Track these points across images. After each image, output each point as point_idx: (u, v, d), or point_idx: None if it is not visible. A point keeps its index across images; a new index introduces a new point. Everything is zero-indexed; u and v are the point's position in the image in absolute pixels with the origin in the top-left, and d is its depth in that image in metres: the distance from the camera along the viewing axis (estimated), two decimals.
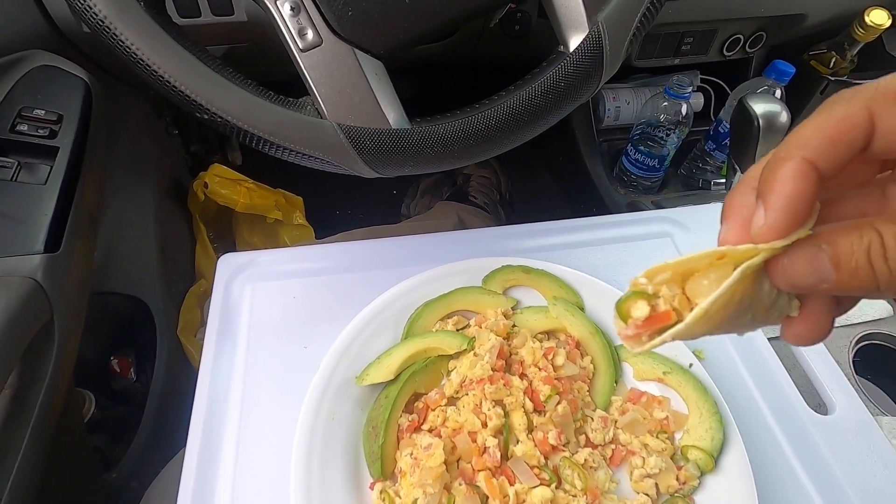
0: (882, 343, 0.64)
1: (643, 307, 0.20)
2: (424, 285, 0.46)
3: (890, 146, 0.17)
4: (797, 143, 0.17)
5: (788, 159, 0.17)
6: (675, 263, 0.20)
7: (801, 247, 0.18)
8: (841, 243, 0.17)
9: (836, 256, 0.17)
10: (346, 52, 0.39)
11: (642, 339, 0.21)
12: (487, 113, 0.42)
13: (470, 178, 1.15)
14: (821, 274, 0.17)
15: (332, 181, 1.28)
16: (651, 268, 0.20)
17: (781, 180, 0.17)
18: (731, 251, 0.19)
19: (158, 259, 0.82)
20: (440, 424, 0.39)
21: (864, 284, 0.16)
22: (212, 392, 0.42)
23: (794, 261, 0.18)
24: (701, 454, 0.38)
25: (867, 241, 0.16)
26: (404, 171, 0.43)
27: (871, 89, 0.17)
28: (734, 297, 0.19)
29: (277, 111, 0.39)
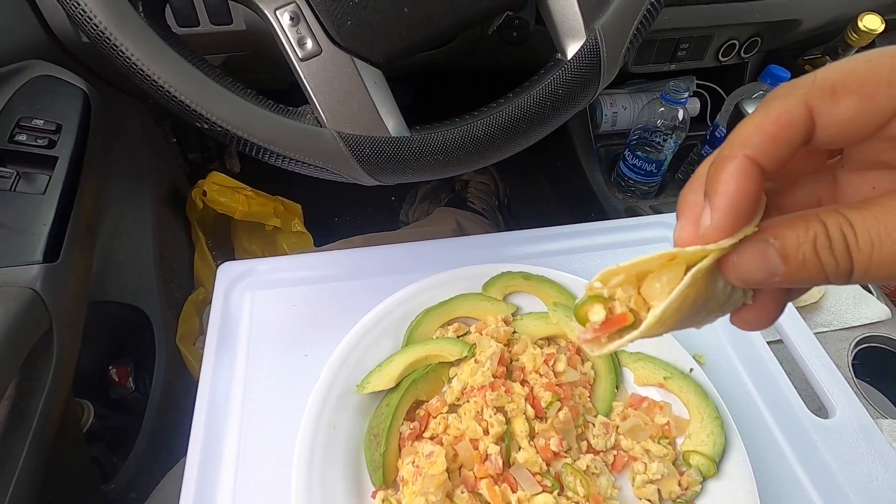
0: (881, 346, 0.64)
1: (599, 311, 0.21)
2: (424, 292, 0.46)
3: (831, 138, 0.17)
4: (739, 141, 0.17)
5: (731, 158, 0.17)
6: (628, 266, 0.20)
7: (748, 244, 0.18)
8: (788, 237, 0.17)
9: (784, 250, 0.17)
10: (346, 61, 0.39)
11: (601, 341, 0.21)
12: (486, 120, 0.42)
13: (468, 185, 1.15)
14: (770, 268, 0.17)
15: (330, 188, 1.28)
16: (605, 271, 0.21)
17: (724, 180, 0.17)
18: (680, 253, 0.19)
19: (157, 267, 0.82)
20: (442, 432, 0.39)
21: (812, 276, 0.17)
22: (212, 401, 0.42)
23: (743, 258, 0.18)
24: (703, 459, 0.37)
25: (812, 233, 0.16)
26: (404, 179, 0.44)
27: (807, 83, 0.17)
28: (687, 300, 0.19)
29: (277, 120, 0.39)
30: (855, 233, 0.16)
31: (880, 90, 0.16)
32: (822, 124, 0.17)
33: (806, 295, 0.64)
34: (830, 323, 0.64)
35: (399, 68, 0.86)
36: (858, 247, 0.16)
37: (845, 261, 0.16)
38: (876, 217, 0.16)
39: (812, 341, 0.48)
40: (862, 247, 0.16)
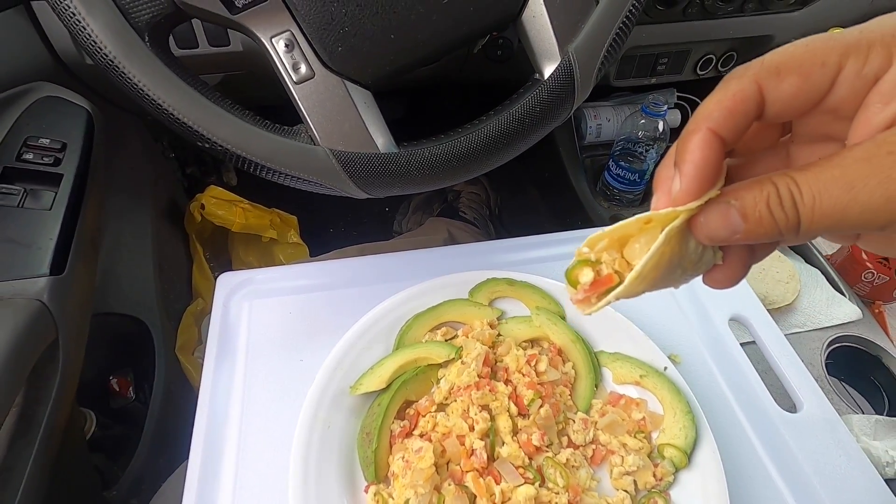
0: (852, 345, 0.67)
1: (588, 273, 0.23)
2: (414, 299, 0.49)
3: (779, 112, 0.20)
4: (702, 116, 0.20)
5: (696, 131, 0.20)
6: (611, 231, 0.23)
7: (713, 205, 0.20)
8: (746, 197, 0.19)
9: (743, 209, 0.19)
10: (337, 84, 0.42)
11: (591, 300, 0.24)
12: (469, 137, 0.45)
13: (460, 195, 1.18)
14: (733, 226, 0.19)
15: (325, 200, 1.30)
16: (590, 237, 0.23)
17: (690, 150, 0.20)
18: (655, 215, 0.21)
19: (156, 279, 0.84)
20: (430, 429, 0.41)
21: (768, 231, 0.19)
22: (213, 405, 0.45)
23: (709, 217, 0.20)
24: (675, 451, 0.40)
25: (766, 192, 0.19)
26: (393, 192, 0.46)
27: (757, 65, 0.20)
28: (664, 258, 0.21)
29: (273, 139, 0.42)
30: (800, 190, 0.18)
31: (815, 70, 0.19)
32: (770, 100, 0.20)
33: (780, 297, 0.67)
34: (804, 324, 0.67)
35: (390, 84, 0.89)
36: (803, 201, 0.18)
37: (793, 214, 0.18)
38: (816, 176, 0.18)
39: (783, 342, 0.51)
40: (806, 201, 0.18)
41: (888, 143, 0.17)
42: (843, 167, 0.18)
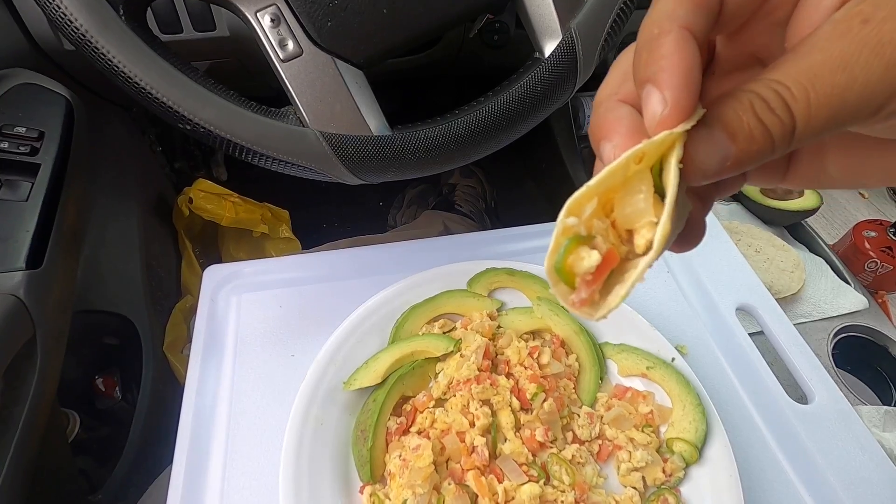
0: (859, 335, 0.66)
1: (592, 255, 0.17)
2: (410, 290, 0.46)
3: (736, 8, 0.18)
4: (665, 16, 0.17)
5: (666, 33, 0.17)
6: (597, 183, 0.17)
7: (696, 133, 0.16)
8: (727, 113, 0.16)
9: (729, 127, 0.16)
10: (327, 62, 0.40)
11: (595, 298, 0.18)
12: (467, 118, 0.43)
13: (455, 188, 1.16)
14: (722, 151, 0.16)
15: (317, 195, 1.28)
16: (572, 201, 0.17)
17: (668, 56, 0.16)
18: (648, 148, 0.17)
19: (143, 276, 0.81)
20: (429, 426, 0.39)
21: (761, 146, 0.16)
22: (199, 403, 0.42)
23: (697, 149, 0.17)
24: (686, 446, 0.38)
25: (748, 101, 0.16)
26: (387, 178, 0.44)
27: None
28: (676, 205, 0.16)
29: (260, 121, 0.40)
30: (787, 87, 0.16)
31: None
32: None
33: (786, 287, 0.66)
34: (810, 314, 0.65)
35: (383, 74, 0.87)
36: (795, 98, 0.15)
37: (787, 116, 0.16)
38: (799, 68, 0.15)
39: (792, 332, 0.50)
40: (798, 96, 0.15)
41: (858, 12, 0.15)
42: (823, 50, 0.15)
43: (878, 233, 0.81)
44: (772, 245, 0.70)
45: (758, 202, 0.75)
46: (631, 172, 0.17)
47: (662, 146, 0.17)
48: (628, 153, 0.17)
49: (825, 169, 0.20)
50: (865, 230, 0.82)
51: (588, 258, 0.17)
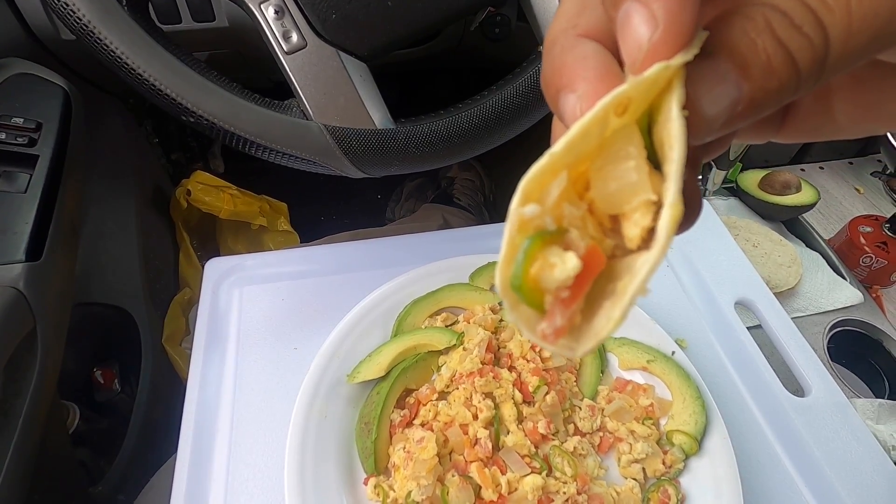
0: (854, 329, 0.67)
1: (566, 259, 0.12)
2: (412, 284, 0.47)
3: None
4: None
5: None
6: (563, 151, 0.12)
7: (695, 67, 0.12)
8: (734, 37, 0.12)
9: (739, 56, 0.12)
10: (331, 55, 0.39)
11: (575, 322, 0.12)
12: (470, 112, 0.43)
13: (454, 181, 1.16)
14: (730, 91, 0.12)
15: (315, 187, 1.28)
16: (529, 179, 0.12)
17: None
18: (634, 91, 0.12)
19: (141, 268, 0.81)
20: (432, 419, 0.39)
21: (783, 81, 0.12)
22: (202, 396, 0.42)
23: (698, 90, 0.12)
24: (685, 438, 0.39)
25: (762, 17, 0.12)
26: (390, 171, 0.44)
27: None
28: None
29: (264, 113, 0.40)
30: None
31: None
32: None
33: (783, 281, 0.66)
34: (806, 308, 0.66)
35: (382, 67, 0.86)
36: (829, 5, 0.11)
37: (818, 33, 0.11)
38: None
39: (789, 325, 0.50)
40: (833, 3, 0.11)
41: None
42: None
43: (874, 228, 0.82)
44: (769, 240, 0.71)
45: (756, 197, 0.75)
46: (610, 131, 0.12)
47: (654, 88, 0.12)
48: (605, 100, 0.12)
49: (831, 114, 0.16)
50: (861, 225, 0.83)
51: (561, 264, 0.12)
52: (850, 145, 1.14)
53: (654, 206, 0.12)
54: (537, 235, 0.12)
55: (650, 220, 0.12)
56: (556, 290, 0.12)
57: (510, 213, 0.12)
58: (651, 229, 0.12)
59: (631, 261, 0.13)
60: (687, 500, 0.37)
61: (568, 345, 0.13)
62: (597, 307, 0.13)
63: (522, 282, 0.12)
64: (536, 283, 0.12)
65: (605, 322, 0.12)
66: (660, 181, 0.12)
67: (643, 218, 0.12)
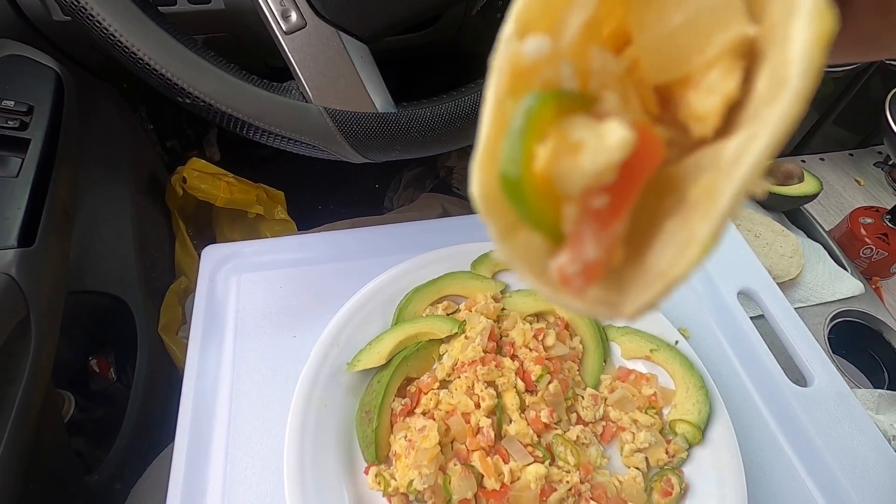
0: (855, 320, 0.67)
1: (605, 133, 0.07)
2: (413, 271, 0.46)
3: None
4: None
5: None
6: None
7: None
8: None
9: None
10: (331, 35, 0.38)
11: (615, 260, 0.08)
12: (473, 96, 0.42)
13: (453, 170, 1.15)
14: None
15: (312, 175, 1.26)
16: (521, 5, 0.08)
17: None
18: None
19: (137, 256, 0.80)
20: (433, 407, 0.39)
21: None
22: (199, 384, 0.42)
23: None
24: (688, 427, 0.38)
25: None
26: (391, 156, 0.43)
27: None
28: None
29: (262, 95, 0.39)
30: None
31: None
32: None
33: (784, 272, 0.66)
34: (808, 298, 0.66)
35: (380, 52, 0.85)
36: None
37: None
38: None
39: (792, 315, 0.50)
40: None
41: None
42: None
43: (874, 219, 0.82)
44: (771, 230, 0.70)
45: None
46: None
47: None
48: None
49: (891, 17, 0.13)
50: (861, 217, 0.83)
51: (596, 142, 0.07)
52: (850, 137, 1.14)
53: (744, 59, 0.07)
54: (549, 95, 0.07)
55: (735, 86, 0.07)
56: (585, 194, 0.07)
57: (498, 50, 0.07)
58: (733, 107, 0.07)
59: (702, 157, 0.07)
60: (690, 489, 0.37)
61: (606, 298, 0.08)
62: (648, 236, 0.08)
63: (522, 177, 0.07)
64: (548, 183, 0.07)
65: (675, 253, 0.07)
66: None
67: (725, 80, 0.07)
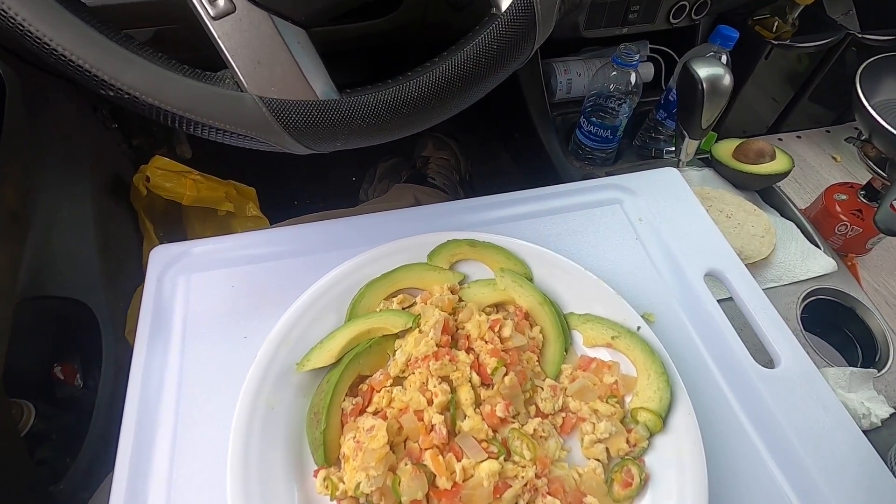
0: (828, 298, 0.66)
1: None
2: (368, 265, 0.44)
3: None
4: None
5: None
6: None
7: None
8: None
9: None
10: (263, 20, 0.36)
11: None
12: (420, 80, 0.40)
13: (429, 161, 1.13)
14: None
15: (287, 170, 1.24)
16: None
17: None
18: None
19: (100, 259, 0.78)
20: (386, 406, 0.37)
21: None
22: (144, 393, 0.40)
23: None
24: (650, 415, 0.37)
25: None
26: (337, 146, 0.41)
27: None
28: None
29: (192, 85, 0.37)
30: None
31: None
32: None
33: (756, 252, 0.65)
34: (780, 278, 0.65)
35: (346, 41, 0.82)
36: None
37: None
38: None
39: (760, 296, 0.49)
40: None
41: None
42: None
43: (849, 196, 0.81)
44: (743, 210, 0.69)
45: (730, 167, 0.74)
46: None
47: None
48: None
49: None
50: (836, 193, 0.82)
51: None
52: (826, 114, 1.13)
53: None
54: None
55: None
56: None
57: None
58: None
59: None
60: (651, 478, 0.36)
61: None
62: None
63: None
64: None
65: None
66: None
67: None
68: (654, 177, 0.57)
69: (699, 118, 0.66)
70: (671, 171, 0.58)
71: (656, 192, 0.56)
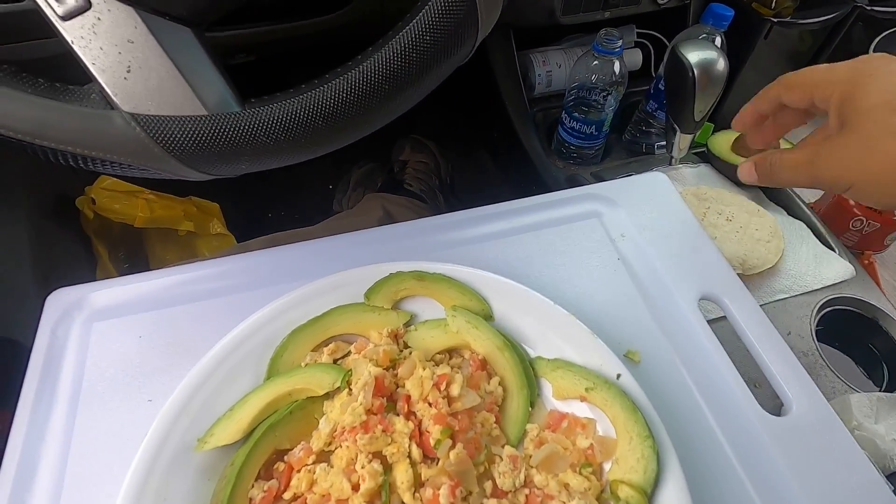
0: (846, 308, 0.58)
1: None
2: (294, 307, 0.37)
3: None
4: None
5: None
6: None
7: None
8: None
9: None
10: (126, 18, 0.29)
11: None
12: (337, 85, 0.33)
13: (406, 165, 1.05)
14: None
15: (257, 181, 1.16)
16: None
17: None
18: None
19: (38, 291, 0.71)
20: (306, 490, 0.30)
21: None
22: (19, 472, 0.33)
23: None
24: (632, 492, 0.30)
25: None
26: (240, 169, 0.34)
27: None
28: None
29: (44, 104, 0.29)
30: None
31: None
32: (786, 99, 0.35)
33: (761, 260, 0.57)
34: (790, 288, 0.57)
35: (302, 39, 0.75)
36: None
37: None
38: None
39: (766, 325, 0.41)
40: None
41: None
42: None
43: None
44: (745, 211, 0.61)
45: (729, 162, 0.66)
46: None
47: None
48: None
49: None
50: None
51: None
52: None
53: None
54: None
55: None
56: None
57: None
58: None
59: None
60: None
61: None
62: None
63: None
64: None
65: None
66: None
67: None
68: (637, 183, 0.49)
69: (691, 110, 0.58)
70: (657, 175, 0.50)
71: (640, 201, 0.48)
